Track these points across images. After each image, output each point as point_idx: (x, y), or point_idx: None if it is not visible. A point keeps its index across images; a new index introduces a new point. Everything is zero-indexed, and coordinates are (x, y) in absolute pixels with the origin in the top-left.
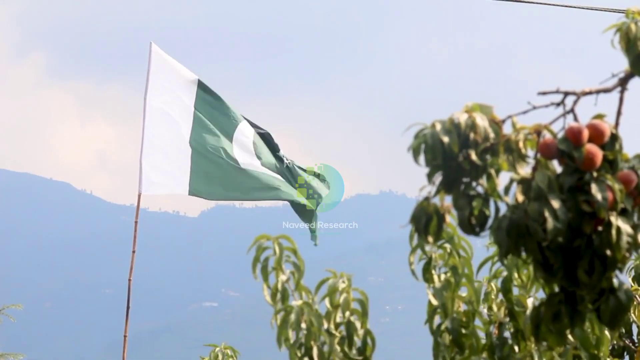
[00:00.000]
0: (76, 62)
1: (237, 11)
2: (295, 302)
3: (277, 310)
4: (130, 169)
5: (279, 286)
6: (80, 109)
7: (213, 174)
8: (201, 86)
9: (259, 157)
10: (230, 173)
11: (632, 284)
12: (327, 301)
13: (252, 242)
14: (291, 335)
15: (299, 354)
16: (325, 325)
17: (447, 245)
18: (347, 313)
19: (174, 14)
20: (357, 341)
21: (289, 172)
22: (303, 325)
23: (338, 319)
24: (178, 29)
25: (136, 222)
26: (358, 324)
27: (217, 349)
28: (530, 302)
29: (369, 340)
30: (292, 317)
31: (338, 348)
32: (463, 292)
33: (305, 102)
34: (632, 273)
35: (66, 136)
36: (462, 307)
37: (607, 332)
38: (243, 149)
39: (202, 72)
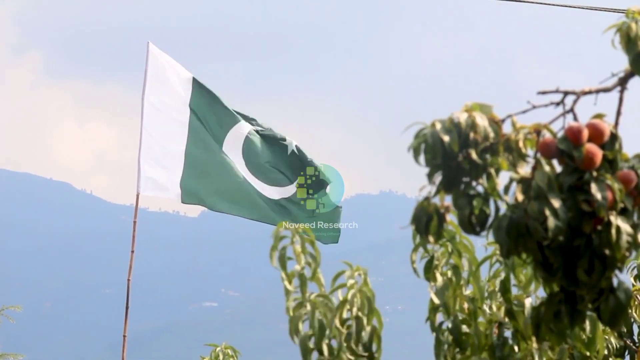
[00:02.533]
0: (74, 61)
1: (236, 11)
2: (311, 294)
3: (290, 298)
4: (130, 169)
5: (297, 276)
6: (78, 108)
7: (205, 181)
8: (197, 85)
9: (247, 161)
10: (221, 180)
11: (634, 284)
12: (339, 295)
13: (274, 231)
14: (302, 327)
15: (310, 346)
16: (334, 320)
17: (449, 244)
18: (355, 309)
19: (173, 13)
20: (364, 337)
21: (297, 158)
22: (317, 319)
23: (346, 315)
24: (176, 28)
25: (135, 222)
26: (365, 321)
27: (218, 348)
28: (528, 302)
29: (375, 338)
30: (308, 308)
31: (345, 344)
32: (467, 290)
33: (305, 102)
34: (634, 272)
35: (65, 136)
36: (464, 305)
37: (602, 331)
38: (233, 151)
39: (201, 71)
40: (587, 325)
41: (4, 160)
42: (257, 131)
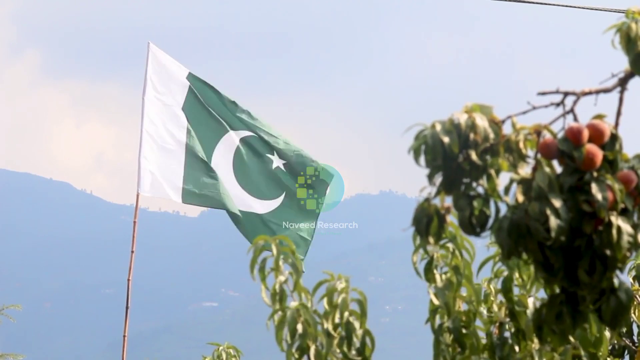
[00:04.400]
0: (71, 60)
1: (235, 11)
2: (293, 303)
3: (273, 311)
4: (129, 169)
5: (277, 287)
6: (76, 108)
7: (203, 180)
8: (195, 85)
9: (235, 171)
10: (215, 182)
11: (633, 284)
12: (325, 302)
13: (252, 244)
14: (288, 336)
15: (296, 355)
16: (325, 326)
17: (450, 245)
18: (346, 314)
19: (171, 13)
20: (357, 341)
21: (283, 174)
22: (299, 327)
23: (337, 320)
24: (175, 27)
25: (135, 222)
26: (357, 324)
27: (221, 348)
28: (530, 302)
29: (367, 341)
30: (288, 318)
31: (337, 349)
32: (463, 292)
33: (305, 101)
34: (633, 273)
35: (64, 136)
36: (463, 307)
37: (606, 332)
38: (223, 159)
39: (200, 71)
40: (593, 325)
41: (4, 161)
42: (246, 138)
